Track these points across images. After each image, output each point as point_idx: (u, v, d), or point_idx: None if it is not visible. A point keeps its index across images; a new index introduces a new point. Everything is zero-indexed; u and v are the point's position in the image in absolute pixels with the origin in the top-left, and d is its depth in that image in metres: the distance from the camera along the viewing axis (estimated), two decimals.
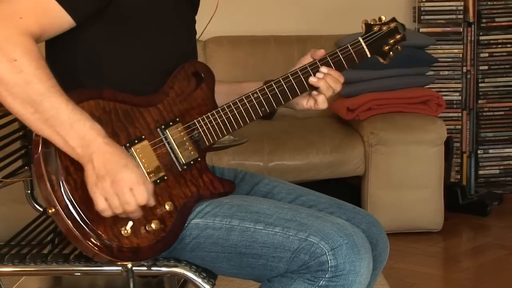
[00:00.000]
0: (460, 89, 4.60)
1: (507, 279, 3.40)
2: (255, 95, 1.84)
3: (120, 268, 1.75)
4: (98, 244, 1.60)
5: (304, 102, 1.91)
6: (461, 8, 4.54)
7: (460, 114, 4.62)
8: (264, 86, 1.85)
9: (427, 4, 4.54)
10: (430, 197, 3.92)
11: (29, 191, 2.29)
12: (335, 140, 3.95)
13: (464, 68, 4.60)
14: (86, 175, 1.58)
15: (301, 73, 1.89)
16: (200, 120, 1.78)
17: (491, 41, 4.60)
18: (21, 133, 2.28)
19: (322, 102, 1.88)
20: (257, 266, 1.69)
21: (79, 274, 1.86)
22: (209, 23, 2.45)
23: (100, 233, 1.60)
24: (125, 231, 1.61)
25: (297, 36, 4.60)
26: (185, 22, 1.91)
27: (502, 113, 4.63)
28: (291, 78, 1.88)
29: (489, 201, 4.37)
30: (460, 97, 4.60)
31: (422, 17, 4.55)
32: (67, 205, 1.58)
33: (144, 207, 1.62)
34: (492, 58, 4.61)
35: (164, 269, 1.75)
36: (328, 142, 3.93)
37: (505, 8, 4.57)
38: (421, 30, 4.54)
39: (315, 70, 1.89)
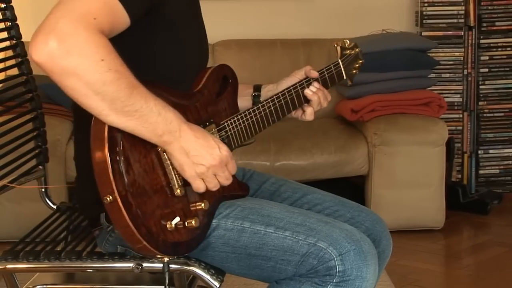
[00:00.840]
0: (461, 91, 4.59)
1: (507, 276, 3.39)
2: (268, 105, 1.88)
3: (132, 264, 1.75)
4: (147, 236, 1.58)
5: (293, 111, 1.96)
6: (462, 12, 4.53)
7: (461, 116, 4.61)
8: (275, 97, 1.90)
9: (429, 8, 4.53)
10: (432, 196, 3.92)
11: (43, 190, 2.29)
12: (339, 141, 3.95)
13: (465, 70, 4.59)
14: (179, 163, 1.60)
15: (299, 87, 1.95)
16: (230, 123, 1.79)
17: (492, 45, 4.59)
18: (35, 133, 2.28)
19: (309, 114, 1.95)
20: (266, 268, 1.69)
21: (91, 270, 1.86)
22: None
23: (150, 226, 1.58)
24: (170, 226, 1.61)
25: (303, 39, 4.60)
26: (201, 19, 1.92)
27: (502, 114, 4.62)
28: (292, 91, 1.94)
29: (489, 200, 4.36)
30: (461, 99, 4.59)
31: (424, 21, 4.54)
32: (126, 195, 1.56)
33: (187, 204, 1.65)
34: (492, 61, 4.60)
35: (174, 266, 1.74)
36: (333, 143, 3.93)
37: (505, 12, 4.56)
38: (423, 33, 4.53)
39: (309, 84, 1.96)
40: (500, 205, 4.40)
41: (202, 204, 1.66)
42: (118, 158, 1.56)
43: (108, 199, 1.56)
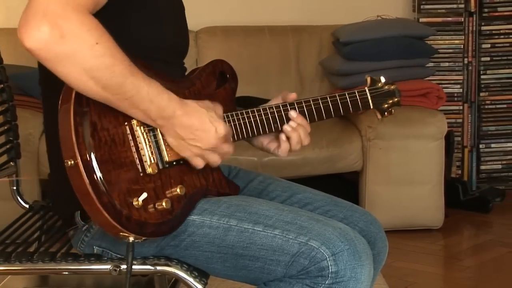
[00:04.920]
0: (461, 81, 4.61)
1: (510, 278, 3.41)
2: (271, 110, 1.87)
3: (109, 266, 1.76)
4: (109, 207, 1.58)
5: (265, 142, 1.93)
6: None
7: (461, 107, 4.63)
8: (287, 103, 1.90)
9: None
10: (430, 193, 3.93)
11: (14, 188, 2.29)
12: (331, 134, 3.96)
13: (466, 59, 4.61)
14: (174, 144, 1.67)
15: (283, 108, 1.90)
16: (229, 116, 1.80)
17: (493, 32, 4.61)
18: (6, 127, 2.27)
19: (285, 151, 1.90)
20: (253, 268, 1.69)
21: (66, 273, 1.86)
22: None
23: (114, 197, 1.59)
24: (137, 203, 1.61)
25: (293, 26, 4.60)
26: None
27: (505, 106, 4.64)
28: (281, 108, 1.89)
29: (491, 197, 4.38)
30: (461, 89, 4.61)
31: (421, 7, 4.56)
32: (88, 159, 1.57)
33: (160, 185, 1.66)
34: (494, 49, 4.62)
35: (154, 267, 1.75)
36: (325, 136, 3.94)
37: None
38: (420, 20, 4.55)
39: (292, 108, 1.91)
40: (503, 202, 4.42)
41: (178, 190, 1.67)
42: (83, 121, 1.59)
43: (69, 163, 1.58)
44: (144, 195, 1.63)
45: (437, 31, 4.42)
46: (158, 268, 1.75)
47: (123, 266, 1.77)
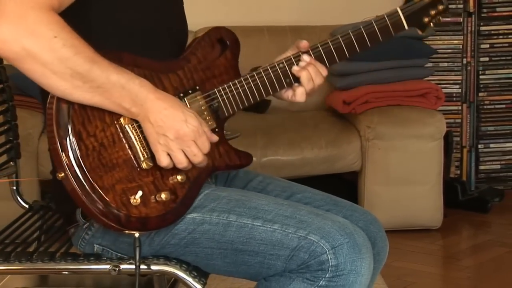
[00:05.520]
0: (460, 81, 4.61)
1: (509, 278, 3.42)
2: (281, 65, 1.83)
3: (109, 266, 1.76)
4: (106, 212, 1.60)
5: (282, 92, 1.88)
6: None
7: (460, 108, 4.63)
8: (261, 69, 1.84)
9: None
10: (429, 193, 3.94)
11: (14, 187, 2.29)
12: (330, 135, 3.96)
13: (464, 59, 4.62)
14: (146, 132, 1.64)
15: (286, 63, 1.85)
16: (221, 90, 1.78)
17: (492, 32, 4.61)
18: (6, 127, 2.28)
19: (300, 95, 1.85)
20: (253, 264, 1.70)
21: (66, 273, 1.87)
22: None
23: (109, 201, 1.61)
24: (134, 200, 1.62)
25: (291, 26, 4.61)
26: None
27: (504, 106, 4.64)
28: (277, 67, 1.84)
29: (490, 197, 4.38)
30: (460, 89, 4.62)
31: None
32: (76, 170, 1.59)
33: (159, 176, 1.66)
34: (493, 49, 4.62)
35: (153, 267, 1.75)
36: (324, 137, 3.94)
37: None
38: None
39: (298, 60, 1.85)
40: (502, 202, 4.42)
41: (178, 177, 1.67)
42: (67, 133, 1.60)
43: (60, 175, 1.60)
44: (140, 192, 1.63)
45: (435, 31, 4.42)
46: (157, 268, 1.75)
47: (123, 266, 1.77)
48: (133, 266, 1.71)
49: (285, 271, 1.68)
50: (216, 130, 1.77)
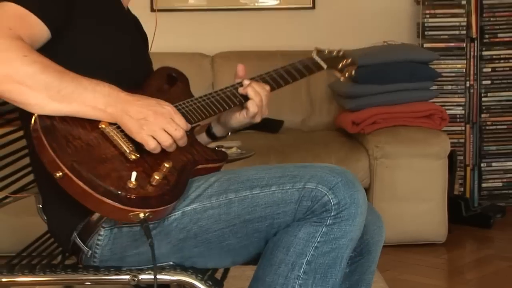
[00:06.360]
0: (463, 103, 4.60)
1: None
2: (228, 88, 1.96)
3: (128, 277, 1.75)
4: (107, 194, 1.60)
5: (237, 114, 1.98)
6: (464, 24, 4.54)
7: (463, 128, 4.61)
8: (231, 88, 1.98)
9: (430, 20, 4.55)
10: (434, 210, 3.92)
11: (40, 205, 2.29)
12: (340, 153, 3.95)
13: (467, 82, 4.60)
14: (128, 125, 1.68)
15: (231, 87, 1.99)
16: (181, 103, 1.83)
17: (494, 56, 4.60)
18: (29, 149, 2.27)
19: (251, 106, 1.95)
20: (264, 228, 1.72)
21: (88, 283, 1.86)
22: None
23: (107, 185, 1.61)
24: (131, 184, 1.62)
25: (303, 51, 4.59)
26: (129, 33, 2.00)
27: (505, 127, 4.63)
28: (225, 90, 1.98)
29: (492, 213, 4.35)
30: (463, 111, 4.60)
31: (426, 33, 4.56)
32: (73, 165, 1.60)
33: (148, 166, 1.68)
34: (495, 72, 4.61)
35: (169, 277, 1.75)
36: (334, 155, 3.93)
37: (507, 24, 4.58)
38: (425, 45, 4.55)
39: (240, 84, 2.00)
40: (504, 218, 4.40)
41: (166, 164, 1.68)
42: (54, 137, 1.63)
43: (58, 175, 1.61)
44: (134, 173, 1.64)
45: (440, 56, 4.41)
46: (174, 278, 1.75)
47: (141, 276, 1.77)
48: (151, 276, 1.72)
49: (294, 221, 1.71)
50: (187, 133, 1.78)
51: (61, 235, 1.87)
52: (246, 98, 1.96)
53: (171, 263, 1.79)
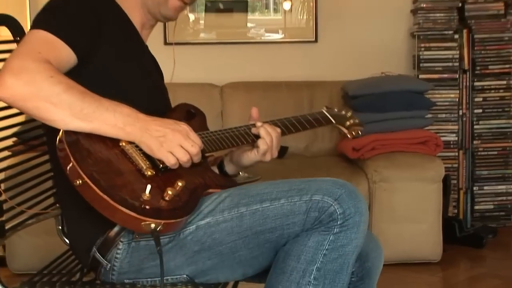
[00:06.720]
0: (456, 130, 4.60)
1: None
2: (242, 127, 1.98)
3: None
4: (123, 202, 1.60)
5: (249, 153, 1.99)
6: (457, 56, 4.55)
7: (457, 154, 4.61)
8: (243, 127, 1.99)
9: (425, 52, 4.56)
10: (430, 230, 3.91)
11: (60, 227, 2.29)
12: (341, 177, 3.87)
13: (460, 111, 4.61)
14: (147, 145, 1.70)
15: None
16: (199, 134, 1.84)
17: (485, 87, 4.61)
18: (52, 173, 2.28)
19: (262, 144, 1.95)
20: (275, 238, 1.73)
21: None
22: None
23: (123, 194, 1.62)
24: (146, 196, 1.63)
25: (306, 81, 4.63)
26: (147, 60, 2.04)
27: (496, 152, 4.62)
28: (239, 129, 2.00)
29: (485, 234, 4.34)
30: (456, 138, 4.60)
31: (421, 65, 4.57)
32: (92, 174, 1.61)
33: (162, 183, 1.69)
34: (486, 102, 4.61)
35: None
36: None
37: (498, 56, 4.59)
38: (420, 76, 4.56)
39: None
40: (495, 239, 4.38)
41: (179, 183, 1.69)
42: (77, 149, 1.65)
43: (77, 182, 1.61)
44: (149, 186, 1.65)
45: (435, 86, 4.42)
46: None
47: None
48: None
49: (302, 231, 1.71)
50: (201, 160, 1.81)
51: (81, 250, 1.87)
52: (258, 137, 1.97)
53: (185, 276, 1.79)
